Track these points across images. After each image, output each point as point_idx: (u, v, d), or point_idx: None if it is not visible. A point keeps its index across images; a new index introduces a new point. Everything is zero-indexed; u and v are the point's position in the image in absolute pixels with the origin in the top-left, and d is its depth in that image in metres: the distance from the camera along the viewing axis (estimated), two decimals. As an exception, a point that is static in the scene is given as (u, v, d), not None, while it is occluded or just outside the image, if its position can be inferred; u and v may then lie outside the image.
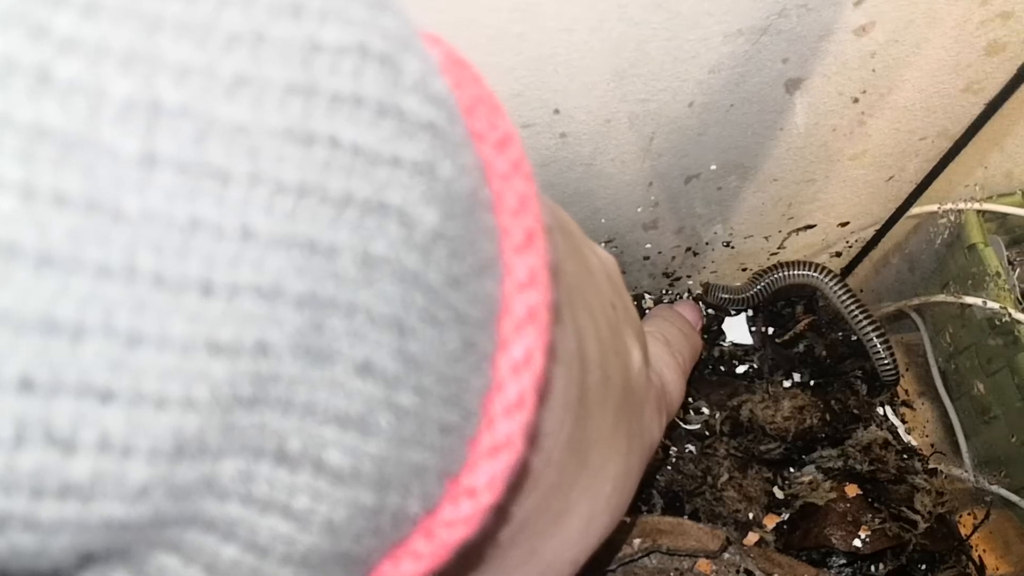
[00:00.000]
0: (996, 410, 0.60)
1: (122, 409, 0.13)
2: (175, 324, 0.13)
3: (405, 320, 0.15)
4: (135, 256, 0.12)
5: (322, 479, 0.15)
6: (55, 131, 0.12)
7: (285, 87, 0.14)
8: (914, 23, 0.46)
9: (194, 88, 0.13)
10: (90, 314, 0.12)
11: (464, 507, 0.17)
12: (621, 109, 0.48)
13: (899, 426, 0.63)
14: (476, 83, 0.18)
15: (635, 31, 0.42)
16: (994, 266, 0.60)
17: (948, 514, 0.59)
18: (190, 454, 0.13)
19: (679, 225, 0.60)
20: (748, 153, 0.54)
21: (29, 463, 0.12)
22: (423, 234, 0.15)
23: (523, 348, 0.17)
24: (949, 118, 0.54)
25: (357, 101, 0.14)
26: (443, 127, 0.16)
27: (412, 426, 0.16)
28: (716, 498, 0.58)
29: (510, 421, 0.17)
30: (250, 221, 0.13)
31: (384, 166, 0.15)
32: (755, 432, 0.59)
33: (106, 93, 0.12)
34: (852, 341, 0.64)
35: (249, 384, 0.14)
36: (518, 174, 0.18)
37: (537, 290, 0.18)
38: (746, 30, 0.44)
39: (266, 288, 0.13)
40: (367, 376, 0.15)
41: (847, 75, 0.49)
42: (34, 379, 0.12)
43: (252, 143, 0.13)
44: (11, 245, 0.12)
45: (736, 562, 0.53)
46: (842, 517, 0.56)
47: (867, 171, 0.57)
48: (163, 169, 0.13)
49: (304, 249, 0.14)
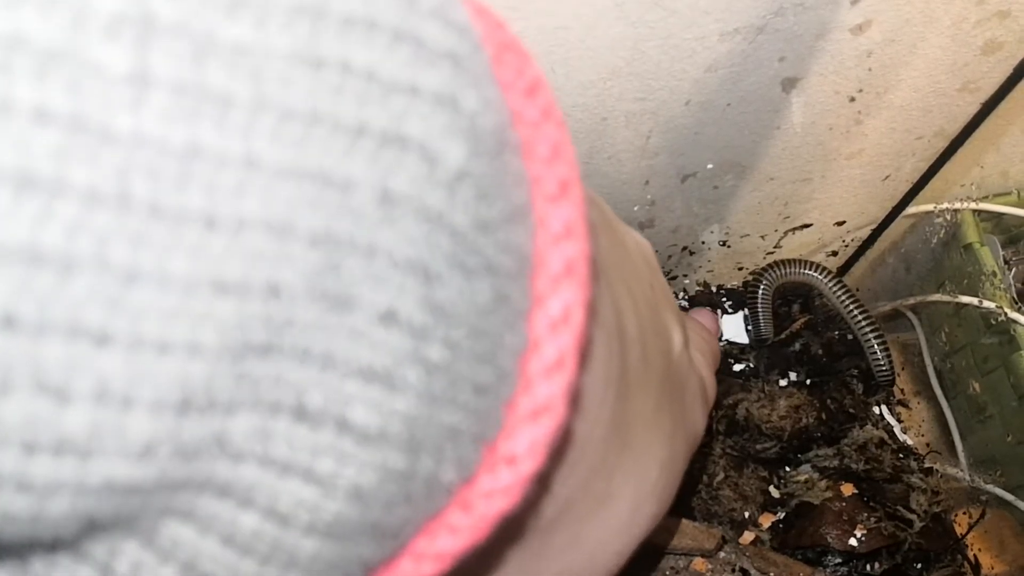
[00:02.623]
0: (991, 409, 0.60)
1: (120, 354, 0.11)
2: (176, 260, 0.12)
3: (430, 265, 0.14)
4: (128, 182, 0.11)
5: (347, 439, 0.14)
6: (34, 42, 0.11)
7: (291, 6, 0.12)
8: (911, 22, 0.46)
9: (190, 4, 0.12)
10: (80, 244, 0.11)
11: (503, 476, 0.16)
12: (618, 107, 0.48)
13: (895, 425, 0.63)
14: (500, 28, 0.17)
15: (632, 30, 0.42)
16: (990, 266, 0.60)
17: (944, 513, 0.59)
18: (198, 407, 0.12)
19: (675, 224, 0.60)
20: (745, 152, 0.54)
21: (18, 412, 0.11)
22: (447, 171, 0.14)
23: (561, 304, 0.16)
24: (945, 117, 0.54)
25: (371, 24, 0.13)
26: (465, 57, 0.15)
27: (443, 383, 0.15)
28: (712, 497, 0.58)
29: (550, 383, 0.16)
30: (255, 148, 0.12)
31: (402, 94, 0.13)
32: (751, 431, 0.59)
33: (92, 5, 0.11)
34: (849, 340, 0.64)
35: (261, 328, 0.12)
36: (549, 121, 0.16)
37: (574, 242, 0.16)
38: (743, 29, 0.44)
39: (275, 223, 0.12)
40: (391, 325, 0.14)
41: (844, 74, 0.49)
42: (18, 315, 0.11)
43: (255, 65, 0.12)
44: None
45: (732, 561, 0.53)
46: (838, 516, 0.56)
47: (863, 170, 0.57)
48: (157, 89, 0.11)
49: (316, 181, 0.13)
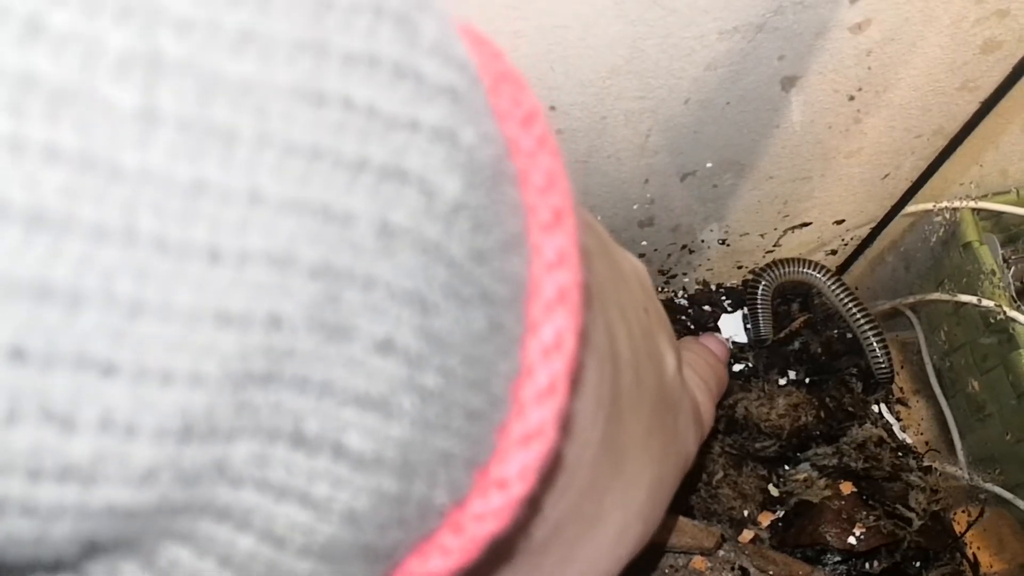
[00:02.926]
0: (990, 408, 0.60)
1: (125, 384, 0.12)
2: (180, 293, 0.12)
3: (427, 295, 0.14)
4: (135, 217, 0.11)
5: (342, 464, 0.14)
6: (46, 82, 0.11)
7: (294, 44, 0.13)
8: (910, 21, 0.46)
9: (197, 42, 0.12)
10: (87, 279, 0.11)
11: (494, 499, 0.16)
12: (617, 106, 0.48)
13: (894, 424, 0.63)
14: (497, 59, 0.17)
15: (631, 28, 0.42)
16: (989, 264, 0.60)
17: (942, 512, 0.59)
18: (199, 435, 0.12)
19: (675, 223, 0.60)
20: (744, 150, 0.54)
21: (25, 440, 0.11)
22: (445, 203, 0.14)
23: (553, 330, 0.16)
24: (945, 116, 0.54)
25: (372, 61, 0.13)
26: (463, 92, 0.15)
27: (437, 409, 0.15)
28: (711, 495, 0.58)
29: (542, 408, 0.16)
30: (258, 184, 0.12)
31: (402, 130, 0.14)
32: (750, 429, 0.59)
33: (102, 44, 0.11)
34: (848, 339, 0.64)
35: (262, 359, 0.13)
36: (544, 151, 0.17)
37: (567, 270, 0.16)
38: (742, 27, 0.44)
39: (277, 256, 0.13)
40: (388, 354, 0.14)
41: (843, 73, 0.49)
42: (27, 348, 0.11)
43: (259, 102, 0.12)
44: None
45: (731, 559, 0.54)
46: (837, 515, 0.56)
47: (863, 169, 0.57)
48: (164, 126, 0.12)
49: (317, 215, 0.13)
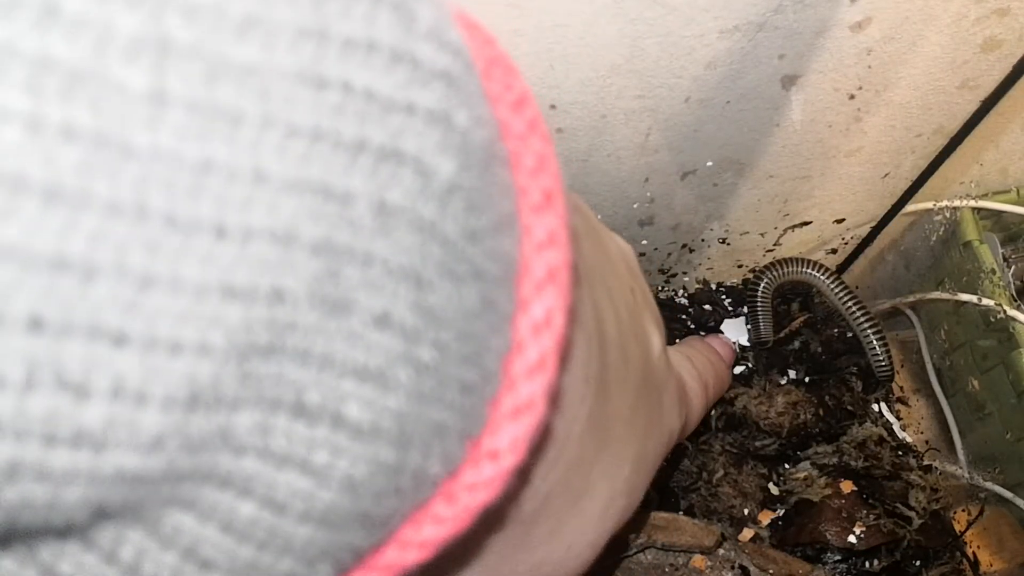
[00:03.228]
0: (990, 407, 0.60)
1: (136, 353, 0.12)
2: (188, 266, 0.12)
3: (422, 272, 0.15)
4: (146, 194, 0.12)
5: (341, 433, 0.15)
6: (62, 63, 0.11)
7: (296, 29, 0.13)
8: (910, 20, 0.46)
9: (203, 26, 0.12)
10: (101, 252, 0.12)
11: (486, 470, 0.17)
12: (617, 105, 0.48)
13: (894, 423, 0.63)
14: (489, 44, 0.18)
15: (631, 27, 0.42)
16: (989, 263, 0.60)
17: (942, 510, 0.59)
18: (205, 403, 0.13)
19: (675, 221, 0.60)
20: (744, 149, 0.54)
21: (41, 407, 0.12)
22: (439, 184, 0.15)
23: (543, 308, 0.17)
24: (945, 115, 0.54)
25: (370, 46, 0.14)
26: (458, 76, 0.15)
27: (431, 382, 0.16)
28: (711, 494, 0.58)
29: (531, 383, 0.17)
30: (263, 163, 0.13)
31: (398, 113, 0.14)
32: (749, 428, 0.60)
33: (114, 28, 0.12)
34: (848, 338, 0.64)
35: (265, 331, 0.13)
36: (535, 134, 0.17)
37: (557, 250, 0.17)
38: (742, 26, 0.44)
39: (280, 232, 0.13)
40: (385, 328, 0.15)
41: (843, 72, 0.49)
42: (44, 318, 0.11)
43: (263, 85, 0.13)
44: (18, 177, 0.11)
45: (731, 558, 0.54)
46: (837, 513, 0.56)
47: (863, 168, 0.57)
48: (173, 107, 0.12)
49: (318, 194, 0.13)
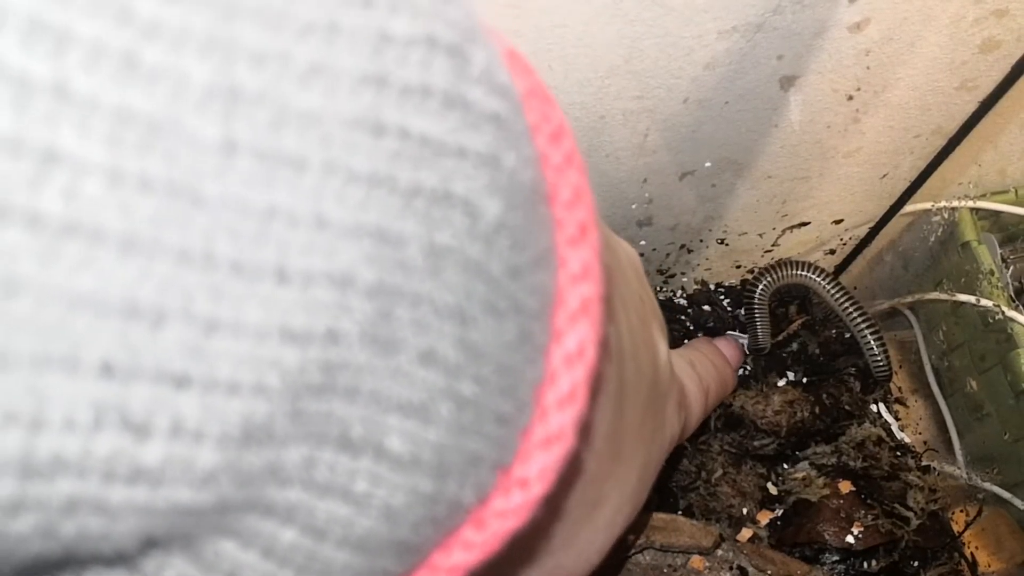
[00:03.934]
0: (989, 407, 0.60)
1: (196, 395, 0.12)
2: (250, 311, 0.13)
3: (467, 309, 0.15)
4: (214, 241, 0.12)
5: (383, 464, 0.15)
6: (140, 116, 0.12)
7: (357, 77, 0.14)
8: (908, 20, 0.46)
9: (270, 74, 0.13)
10: (170, 299, 0.12)
11: (515, 497, 0.17)
12: (615, 106, 0.48)
13: (892, 423, 0.63)
14: (528, 74, 0.18)
15: (629, 28, 0.42)
16: (987, 264, 0.60)
17: (941, 511, 0.59)
18: (257, 440, 0.13)
19: (674, 222, 0.60)
20: (743, 150, 0.54)
21: (105, 448, 0.12)
22: (487, 224, 0.15)
23: (576, 340, 0.17)
24: (943, 116, 0.54)
25: (425, 92, 0.14)
26: (507, 118, 0.16)
27: (471, 415, 0.16)
28: (710, 493, 0.58)
29: (563, 413, 0.17)
30: (324, 209, 0.13)
31: (450, 157, 0.15)
32: (747, 427, 0.60)
33: (188, 78, 0.12)
34: (846, 339, 0.64)
35: (318, 372, 0.14)
36: (572, 166, 0.18)
37: (590, 283, 0.17)
38: (741, 27, 0.44)
39: (338, 276, 0.13)
40: (430, 365, 0.15)
41: (842, 72, 0.49)
42: (114, 364, 0.12)
43: (325, 132, 0.13)
44: (97, 228, 0.11)
45: (729, 559, 0.54)
46: (835, 513, 0.56)
47: (861, 168, 0.57)
48: (241, 155, 0.13)
49: (374, 238, 0.14)
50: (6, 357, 0.11)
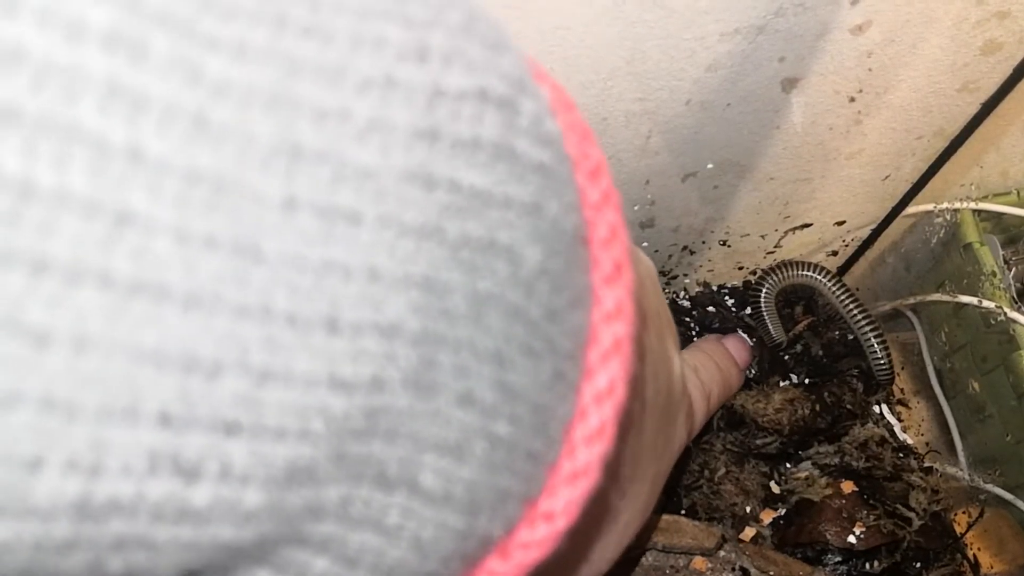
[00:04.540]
0: (991, 409, 0.60)
1: (245, 441, 0.13)
2: (301, 361, 0.13)
3: (505, 352, 0.16)
4: (271, 296, 0.13)
5: (415, 500, 0.16)
6: (208, 175, 0.12)
7: (411, 132, 0.14)
8: (910, 23, 0.46)
9: (330, 131, 0.13)
10: (227, 352, 0.13)
11: (540, 530, 0.18)
12: (617, 107, 0.48)
13: (895, 424, 0.63)
14: (569, 110, 0.18)
15: (631, 29, 0.42)
16: (989, 265, 0.60)
17: (943, 512, 0.59)
18: (299, 482, 0.14)
19: (676, 224, 0.60)
20: (745, 152, 0.54)
21: (157, 492, 0.12)
22: (528, 271, 0.16)
23: (607, 378, 0.18)
24: (945, 117, 0.54)
25: (475, 145, 0.15)
26: (552, 167, 0.16)
27: (503, 453, 0.16)
28: (713, 492, 0.58)
29: (590, 449, 0.18)
30: (376, 262, 0.14)
31: (496, 207, 0.15)
32: (749, 426, 0.60)
33: (254, 136, 0.13)
34: (849, 340, 0.64)
35: (362, 417, 0.14)
36: (609, 204, 0.18)
37: (623, 321, 0.18)
38: (743, 29, 0.44)
39: (386, 327, 0.14)
40: (467, 406, 0.15)
41: (844, 74, 0.49)
42: (172, 414, 0.12)
43: (380, 186, 0.14)
44: (163, 286, 0.12)
45: (732, 560, 0.54)
46: (837, 513, 0.56)
47: (863, 170, 0.58)
48: (302, 212, 0.13)
49: (421, 288, 0.14)
50: (73, 410, 0.12)
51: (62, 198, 0.11)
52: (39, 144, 0.11)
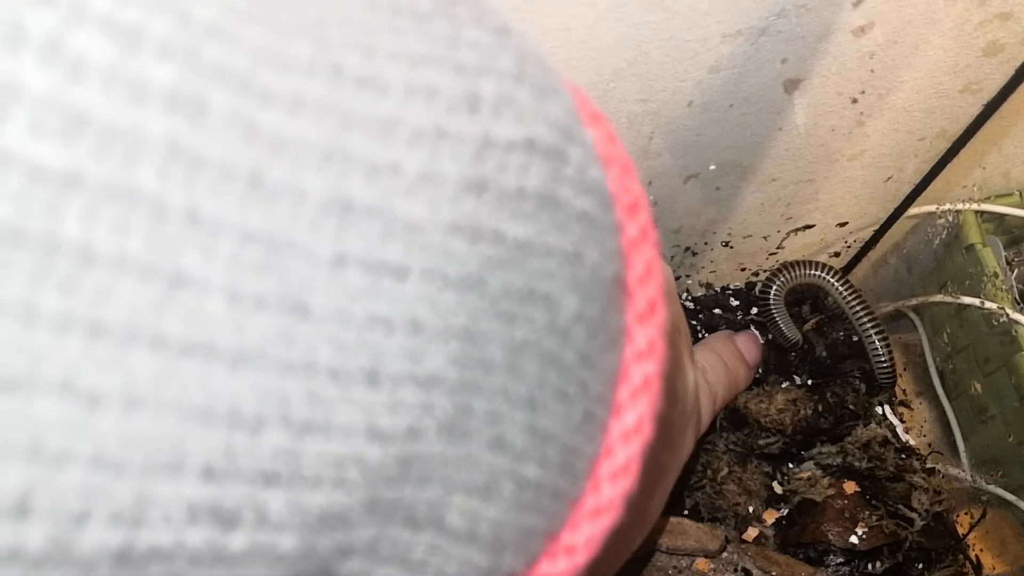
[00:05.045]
0: (993, 410, 0.60)
1: (283, 491, 0.13)
2: (341, 413, 0.13)
3: (538, 398, 0.16)
4: (316, 353, 0.13)
5: (441, 538, 0.16)
6: (260, 235, 0.12)
7: (459, 184, 0.14)
8: (912, 24, 0.46)
9: (381, 186, 0.13)
10: (271, 408, 0.13)
11: (560, 564, 0.18)
12: (620, 109, 0.48)
13: (897, 425, 0.63)
14: (611, 143, 0.18)
15: (634, 31, 0.43)
16: (992, 266, 0.60)
17: (945, 513, 0.59)
18: (332, 526, 0.14)
19: (678, 225, 0.60)
20: (747, 153, 0.54)
21: (196, 540, 0.13)
22: (565, 318, 0.16)
23: (635, 416, 0.18)
24: (947, 119, 0.54)
25: (521, 195, 0.15)
26: (594, 215, 0.16)
27: (531, 494, 0.16)
28: (716, 492, 0.58)
29: (614, 486, 0.18)
30: (419, 316, 0.14)
31: (538, 257, 0.15)
32: (751, 426, 0.60)
33: (306, 194, 0.13)
34: (853, 342, 0.64)
35: (396, 465, 0.14)
36: (646, 241, 0.18)
37: (654, 360, 0.18)
38: (745, 30, 0.44)
39: (424, 378, 0.14)
40: (498, 451, 0.16)
41: (846, 75, 0.49)
42: (214, 468, 0.12)
43: (427, 240, 0.14)
44: (212, 346, 0.12)
45: (734, 561, 0.54)
46: (839, 513, 0.56)
47: (866, 171, 0.58)
48: (350, 269, 0.13)
49: (461, 340, 0.14)
50: (120, 467, 0.12)
51: (120, 263, 0.12)
52: (99, 210, 0.11)
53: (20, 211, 0.11)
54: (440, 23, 0.15)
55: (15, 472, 0.11)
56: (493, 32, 0.15)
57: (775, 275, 0.62)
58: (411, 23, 0.14)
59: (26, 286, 0.11)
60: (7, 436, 0.11)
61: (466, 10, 0.15)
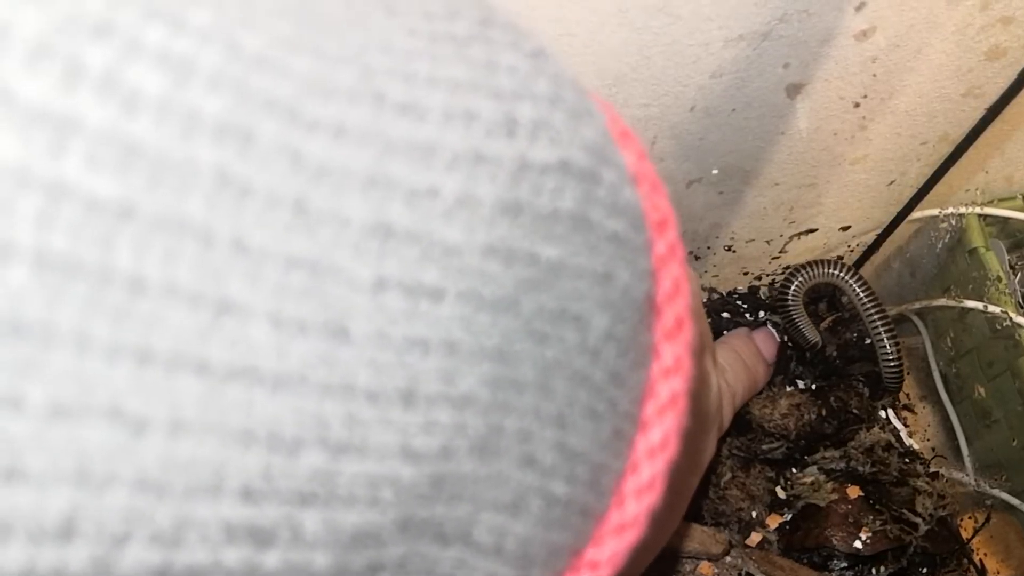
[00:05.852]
0: (997, 414, 0.60)
1: (318, 511, 0.13)
2: (376, 434, 0.13)
3: (568, 416, 0.16)
4: (355, 375, 0.13)
5: (468, 552, 0.16)
6: (304, 261, 0.12)
7: (496, 207, 0.14)
8: (915, 28, 0.46)
9: (420, 211, 0.13)
10: (309, 430, 0.13)
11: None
12: (623, 114, 0.48)
13: (901, 429, 0.63)
14: (641, 160, 0.18)
15: (636, 36, 0.43)
16: (995, 270, 0.60)
17: (949, 517, 0.59)
18: (365, 544, 0.14)
19: (681, 229, 0.60)
20: (750, 157, 0.54)
21: (232, 559, 0.13)
22: (595, 338, 0.16)
23: (661, 432, 0.18)
24: (950, 123, 0.54)
25: (555, 218, 0.15)
26: (626, 236, 0.16)
27: (559, 511, 0.17)
28: (720, 496, 0.58)
29: (639, 502, 0.18)
30: (454, 338, 0.14)
31: (570, 279, 0.15)
32: (755, 431, 0.60)
33: (348, 220, 0.13)
34: (865, 344, 0.63)
35: (428, 484, 0.14)
36: (674, 258, 0.18)
37: (681, 376, 0.18)
38: (747, 35, 0.44)
39: (458, 399, 0.14)
40: (527, 468, 0.16)
41: (848, 80, 0.49)
42: (253, 489, 0.13)
43: (463, 263, 0.14)
44: (255, 371, 0.12)
45: (738, 565, 0.54)
46: (843, 518, 0.56)
47: (868, 175, 0.58)
48: (390, 293, 0.13)
49: (494, 361, 0.14)
50: (162, 490, 0.12)
51: (168, 292, 0.12)
52: (150, 240, 0.12)
53: (76, 242, 0.11)
54: (477, 48, 0.15)
55: (62, 496, 0.11)
56: (529, 56, 0.16)
57: (793, 275, 0.61)
58: (449, 49, 0.15)
59: (79, 316, 0.11)
60: (56, 461, 0.11)
61: (502, 34, 0.16)
